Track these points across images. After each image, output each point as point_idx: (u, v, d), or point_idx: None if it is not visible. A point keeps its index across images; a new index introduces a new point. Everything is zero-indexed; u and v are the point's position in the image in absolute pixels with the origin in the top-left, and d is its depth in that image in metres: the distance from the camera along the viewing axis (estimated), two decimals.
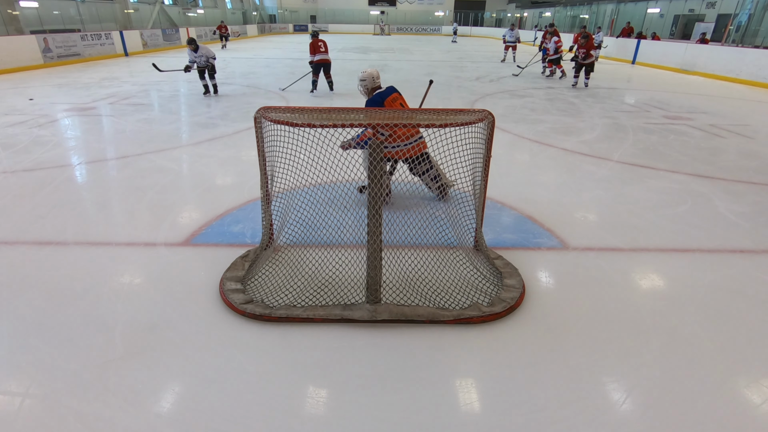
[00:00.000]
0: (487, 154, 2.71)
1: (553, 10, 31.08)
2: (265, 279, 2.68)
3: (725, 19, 17.31)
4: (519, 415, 1.83)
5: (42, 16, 16.22)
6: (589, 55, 10.13)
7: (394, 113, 2.51)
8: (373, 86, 3.66)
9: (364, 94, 3.75)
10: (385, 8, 38.39)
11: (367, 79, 3.63)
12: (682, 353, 2.18)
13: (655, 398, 1.92)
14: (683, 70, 13.75)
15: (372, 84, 3.65)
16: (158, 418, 1.79)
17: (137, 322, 2.33)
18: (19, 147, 5.29)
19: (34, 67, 12.41)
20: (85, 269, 2.82)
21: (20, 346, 2.16)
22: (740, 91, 10.53)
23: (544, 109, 7.92)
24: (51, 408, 1.83)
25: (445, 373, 2.06)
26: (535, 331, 2.32)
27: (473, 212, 2.96)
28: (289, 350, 2.17)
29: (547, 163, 5.07)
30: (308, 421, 1.80)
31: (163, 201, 3.84)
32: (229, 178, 4.49)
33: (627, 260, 3.04)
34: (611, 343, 2.24)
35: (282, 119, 2.38)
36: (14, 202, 3.79)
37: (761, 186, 4.41)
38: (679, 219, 3.64)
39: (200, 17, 27.81)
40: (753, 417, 1.85)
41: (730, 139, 6.19)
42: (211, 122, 6.72)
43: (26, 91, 9.02)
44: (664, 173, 4.72)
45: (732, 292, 2.68)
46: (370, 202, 2.24)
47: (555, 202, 3.90)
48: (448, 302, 2.48)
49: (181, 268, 2.84)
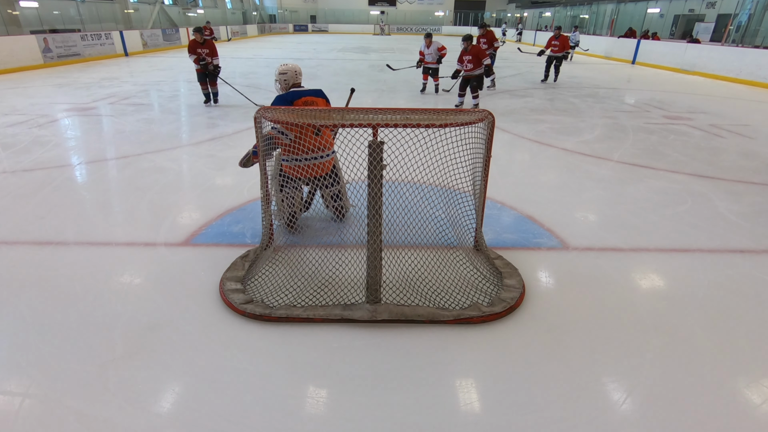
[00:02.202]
0: (487, 154, 2.71)
1: (553, 10, 31.09)
2: (265, 279, 2.68)
3: (725, 19, 17.31)
4: (519, 415, 1.83)
5: (42, 16, 16.23)
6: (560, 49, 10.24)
7: (394, 113, 2.50)
8: (294, 82, 3.20)
9: (279, 91, 3.26)
10: (385, 8, 38.39)
11: (288, 72, 3.18)
12: (682, 353, 2.18)
13: (655, 398, 1.92)
14: (683, 70, 13.75)
15: (294, 80, 3.19)
16: (158, 418, 1.79)
17: (137, 322, 2.33)
18: (19, 147, 5.29)
19: (34, 67, 12.41)
20: (85, 269, 2.82)
21: (20, 346, 2.16)
22: (740, 91, 10.53)
23: (544, 109, 7.92)
24: (51, 408, 1.83)
25: (445, 373, 2.05)
26: (535, 331, 2.32)
27: (473, 212, 2.96)
28: (289, 350, 2.17)
29: (547, 163, 5.07)
30: (308, 421, 1.80)
31: (163, 201, 3.84)
32: (229, 178, 4.49)
33: (627, 260, 3.04)
34: (611, 343, 2.24)
35: (282, 119, 2.38)
36: (14, 202, 3.79)
37: (761, 186, 4.41)
38: (679, 219, 3.64)
39: (200, 17, 27.82)
40: (753, 417, 1.85)
41: (730, 139, 6.19)
42: (211, 122, 6.72)
43: (26, 91, 9.02)
44: (664, 173, 4.72)
45: (732, 292, 2.68)
46: (370, 202, 2.24)
47: (555, 202, 3.90)
48: (448, 302, 2.48)
49: (181, 268, 2.84)
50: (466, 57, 7.53)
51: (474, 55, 7.45)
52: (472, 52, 7.48)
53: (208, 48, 7.46)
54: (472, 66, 7.52)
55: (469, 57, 7.48)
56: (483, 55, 7.54)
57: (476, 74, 7.62)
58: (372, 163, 2.18)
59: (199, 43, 7.38)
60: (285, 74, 3.18)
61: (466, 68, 7.57)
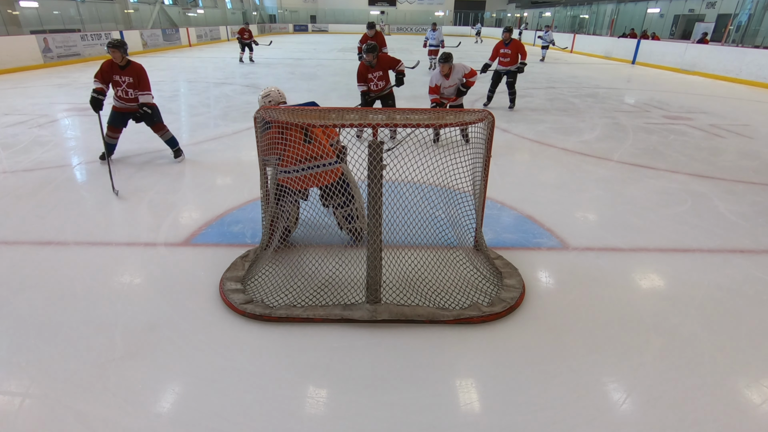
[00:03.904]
0: (487, 154, 2.71)
1: (553, 10, 31.09)
2: (265, 279, 2.68)
3: (725, 19, 17.31)
4: (519, 415, 1.83)
5: (42, 16, 16.23)
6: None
7: (392, 113, 2.50)
8: (280, 101, 3.09)
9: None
10: (385, 8, 38.40)
11: (272, 93, 3.07)
12: (682, 353, 2.18)
13: (655, 398, 1.92)
14: (683, 70, 13.75)
15: (279, 99, 3.09)
16: (158, 418, 1.79)
17: (137, 322, 2.33)
18: (19, 147, 5.29)
19: (34, 67, 12.41)
20: (85, 269, 2.82)
21: (20, 346, 2.16)
22: (740, 91, 10.53)
23: (544, 109, 7.92)
24: (51, 408, 1.83)
25: (445, 373, 2.05)
26: (535, 331, 2.32)
27: (473, 212, 2.96)
28: (289, 350, 2.17)
29: (547, 163, 5.07)
30: (308, 421, 1.80)
31: (163, 201, 3.84)
32: (229, 178, 4.49)
33: (627, 260, 3.04)
34: (611, 343, 2.24)
35: (282, 119, 2.38)
36: (14, 202, 3.79)
37: (761, 186, 4.41)
38: (679, 219, 3.64)
39: (200, 17, 27.81)
40: (753, 417, 1.85)
41: (730, 139, 6.19)
42: (211, 122, 6.72)
43: (26, 91, 9.02)
44: (664, 173, 4.72)
45: (732, 292, 2.68)
46: (369, 202, 2.24)
47: (555, 202, 3.90)
48: (448, 302, 2.48)
49: (181, 268, 2.84)
50: (503, 50, 7.16)
51: (514, 50, 7.13)
52: (513, 46, 7.13)
53: (131, 75, 4.43)
54: (508, 60, 7.20)
55: (507, 51, 7.11)
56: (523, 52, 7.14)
57: (512, 70, 7.32)
58: (372, 163, 2.18)
59: (118, 66, 4.41)
60: (268, 95, 3.06)
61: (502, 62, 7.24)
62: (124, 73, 4.43)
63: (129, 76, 4.45)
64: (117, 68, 4.42)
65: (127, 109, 4.61)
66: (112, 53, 4.36)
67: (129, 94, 4.50)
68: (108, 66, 4.42)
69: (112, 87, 4.48)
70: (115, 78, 4.44)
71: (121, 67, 4.43)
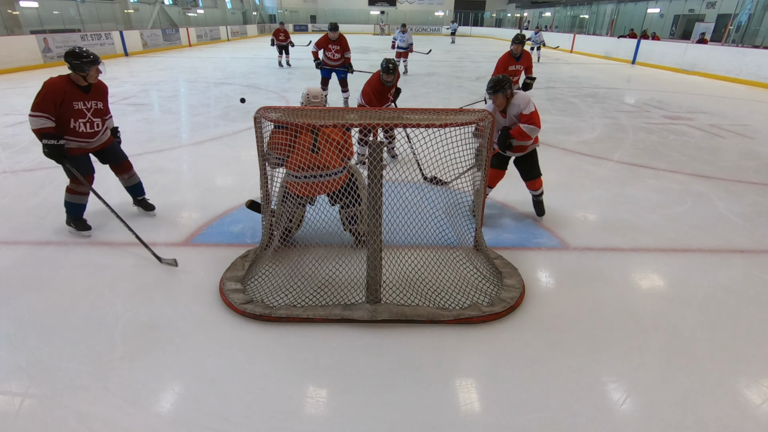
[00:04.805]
0: (487, 154, 2.71)
1: (553, 10, 31.08)
2: (265, 279, 2.68)
3: (725, 19, 17.31)
4: (519, 415, 1.83)
5: (42, 16, 16.23)
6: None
7: (393, 113, 2.50)
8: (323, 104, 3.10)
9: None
10: (385, 8, 38.39)
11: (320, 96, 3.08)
12: (682, 353, 2.18)
13: (655, 398, 1.92)
14: (683, 70, 13.75)
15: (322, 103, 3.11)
16: (158, 418, 1.79)
17: (137, 322, 2.33)
18: (19, 147, 5.29)
19: (34, 67, 12.41)
20: (85, 269, 2.82)
21: (20, 346, 2.16)
22: (740, 91, 10.53)
23: (544, 109, 7.91)
24: (51, 408, 1.83)
25: (445, 373, 2.05)
26: (535, 331, 2.32)
27: (473, 212, 2.96)
28: (289, 350, 2.17)
29: (547, 163, 5.05)
30: (308, 421, 1.80)
31: (163, 201, 3.84)
32: (229, 178, 4.49)
33: (627, 260, 3.04)
34: (611, 343, 2.24)
35: (282, 119, 2.38)
36: (14, 202, 3.79)
37: (761, 186, 4.41)
38: (679, 219, 3.64)
39: (200, 17, 27.79)
40: (753, 417, 1.85)
41: (730, 139, 6.19)
42: (211, 122, 6.72)
43: (26, 91, 9.01)
44: (664, 173, 4.72)
45: (732, 292, 2.68)
46: (370, 202, 2.24)
47: (555, 202, 3.89)
48: (448, 302, 2.48)
49: (181, 268, 2.84)
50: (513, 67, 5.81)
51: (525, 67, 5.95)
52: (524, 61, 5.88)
53: (98, 98, 3.14)
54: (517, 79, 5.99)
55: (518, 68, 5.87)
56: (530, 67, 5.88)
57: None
58: (372, 163, 2.18)
59: (80, 90, 3.02)
60: (317, 97, 3.06)
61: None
62: (90, 97, 3.06)
63: (96, 100, 3.10)
64: (78, 93, 3.00)
65: (95, 148, 3.25)
66: (93, 70, 3.00)
67: (95, 126, 3.12)
68: (60, 91, 2.91)
69: (71, 121, 3.01)
70: (75, 107, 2.99)
71: (84, 89, 3.03)
